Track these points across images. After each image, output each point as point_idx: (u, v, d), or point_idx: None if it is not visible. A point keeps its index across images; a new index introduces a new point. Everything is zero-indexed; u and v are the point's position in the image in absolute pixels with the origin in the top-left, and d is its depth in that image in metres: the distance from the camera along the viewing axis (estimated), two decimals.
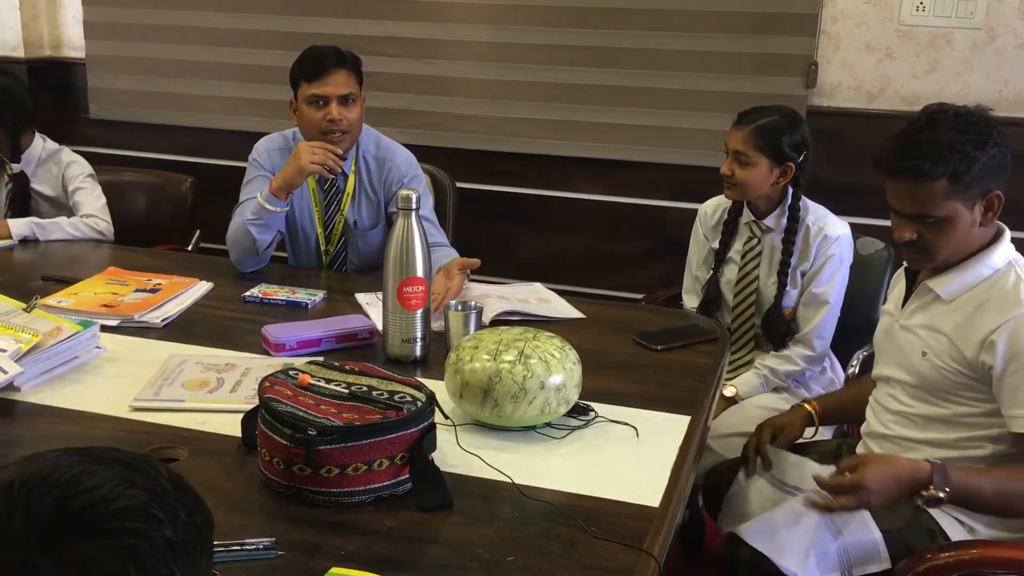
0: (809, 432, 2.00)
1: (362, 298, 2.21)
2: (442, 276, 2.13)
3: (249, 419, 1.47)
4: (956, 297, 1.68)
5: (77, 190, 2.81)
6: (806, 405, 1.99)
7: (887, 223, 1.75)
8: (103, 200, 2.82)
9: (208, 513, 0.74)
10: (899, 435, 1.77)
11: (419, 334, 1.84)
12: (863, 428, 1.90)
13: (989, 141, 1.60)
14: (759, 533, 1.68)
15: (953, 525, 1.67)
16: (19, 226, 2.63)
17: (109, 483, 0.67)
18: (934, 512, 1.68)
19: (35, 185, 2.83)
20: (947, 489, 1.54)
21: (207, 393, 1.66)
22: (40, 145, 2.86)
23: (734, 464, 2.10)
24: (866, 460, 1.62)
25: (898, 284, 1.86)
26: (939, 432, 1.71)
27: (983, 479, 1.58)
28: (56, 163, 2.85)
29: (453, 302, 1.88)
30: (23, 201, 2.81)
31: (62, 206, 2.83)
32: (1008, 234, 1.70)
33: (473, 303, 1.88)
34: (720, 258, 2.46)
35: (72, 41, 4.03)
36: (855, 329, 2.36)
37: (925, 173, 1.59)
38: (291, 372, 1.46)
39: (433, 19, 3.48)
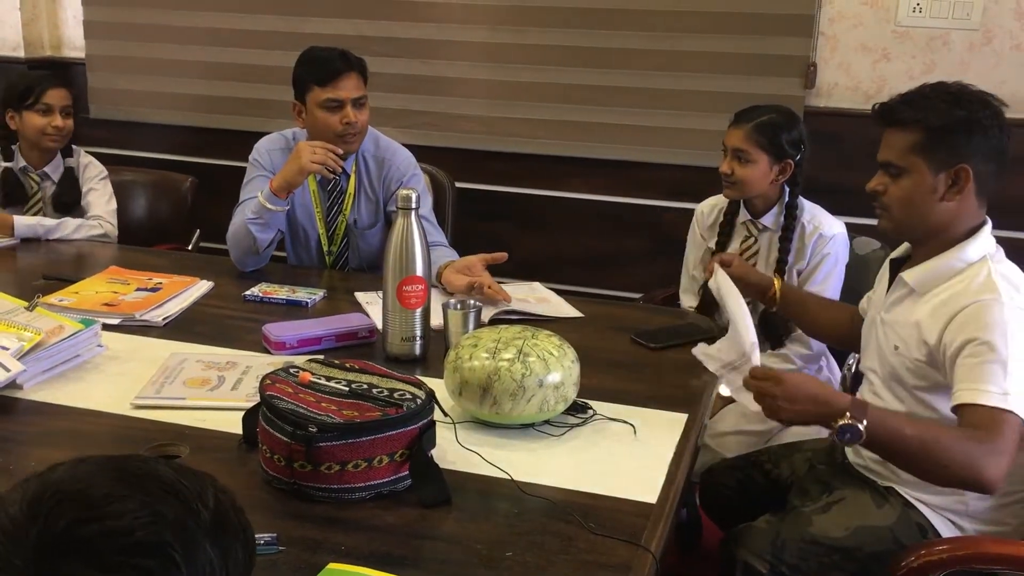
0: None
1: (362, 297, 2.22)
2: (462, 272, 2.16)
3: (250, 416, 1.48)
4: (928, 289, 1.66)
5: (91, 191, 2.82)
6: (776, 282, 2.04)
7: None
8: (114, 204, 2.83)
9: (249, 552, 0.71)
10: None
11: (418, 332, 1.86)
12: None
13: (977, 115, 1.60)
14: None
15: (943, 522, 1.69)
16: (23, 226, 2.64)
17: (132, 513, 0.64)
18: (924, 509, 1.70)
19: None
20: (864, 422, 1.46)
21: (208, 391, 1.67)
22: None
23: (731, 464, 2.11)
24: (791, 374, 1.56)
25: (884, 277, 1.84)
26: None
27: (905, 423, 1.52)
28: (74, 163, 2.86)
29: (452, 300, 1.89)
30: (68, 205, 2.79)
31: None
32: (988, 227, 1.68)
33: (472, 302, 1.89)
34: None
35: (72, 41, 4.03)
36: None
37: (895, 114, 1.63)
38: (292, 370, 1.48)
39: (432, 20, 3.49)
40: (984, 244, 1.66)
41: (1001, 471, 1.47)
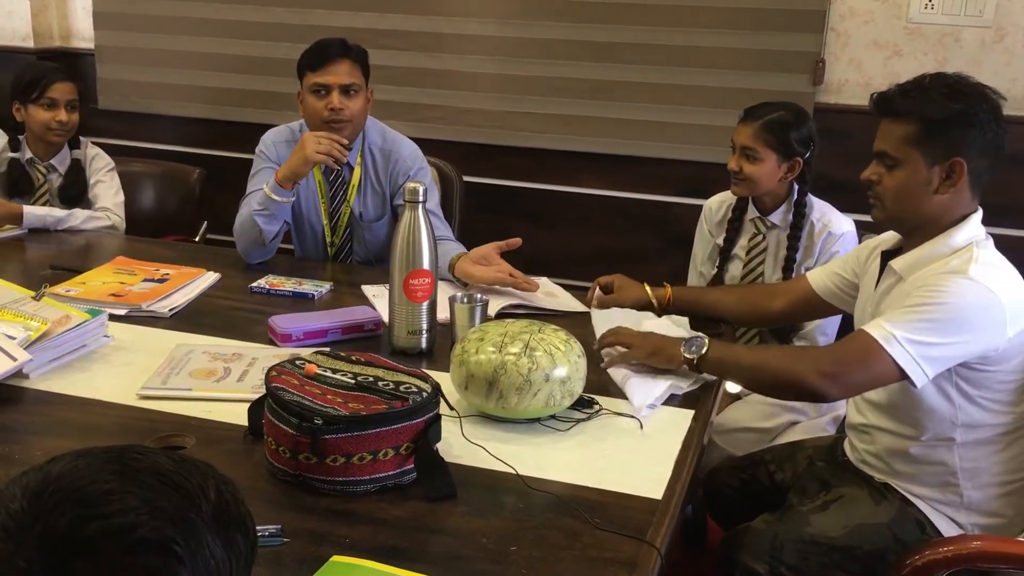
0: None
1: (368, 290, 2.22)
2: (479, 263, 2.17)
3: (255, 408, 1.48)
4: (912, 274, 1.64)
5: (98, 183, 2.82)
6: (665, 290, 2.07)
7: None
8: (121, 196, 2.83)
9: (252, 542, 0.71)
10: (873, 424, 1.76)
11: (425, 326, 1.85)
12: (847, 420, 1.90)
13: (974, 108, 1.58)
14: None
15: (940, 517, 1.69)
16: (32, 217, 2.64)
17: (135, 510, 0.64)
18: (921, 505, 1.70)
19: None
20: (703, 349, 1.68)
21: (214, 382, 1.67)
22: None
23: (735, 465, 2.10)
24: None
25: (872, 269, 1.81)
26: (903, 423, 1.70)
27: (744, 351, 1.78)
28: (81, 155, 2.86)
29: (459, 294, 1.89)
30: (75, 197, 2.78)
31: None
32: (978, 215, 1.65)
33: (479, 296, 1.89)
34: (725, 254, 2.47)
35: (81, 32, 4.04)
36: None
37: (892, 104, 1.63)
38: (298, 362, 1.47)
39: (440, 13, 3.48)
40: (972, 231, 1.64)
41: (819, 379, 1.56)
